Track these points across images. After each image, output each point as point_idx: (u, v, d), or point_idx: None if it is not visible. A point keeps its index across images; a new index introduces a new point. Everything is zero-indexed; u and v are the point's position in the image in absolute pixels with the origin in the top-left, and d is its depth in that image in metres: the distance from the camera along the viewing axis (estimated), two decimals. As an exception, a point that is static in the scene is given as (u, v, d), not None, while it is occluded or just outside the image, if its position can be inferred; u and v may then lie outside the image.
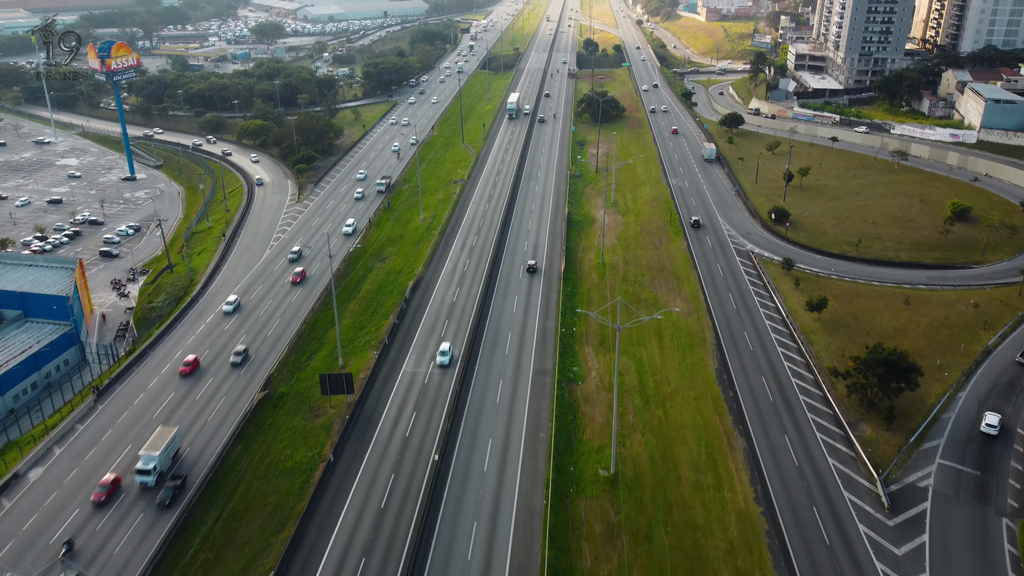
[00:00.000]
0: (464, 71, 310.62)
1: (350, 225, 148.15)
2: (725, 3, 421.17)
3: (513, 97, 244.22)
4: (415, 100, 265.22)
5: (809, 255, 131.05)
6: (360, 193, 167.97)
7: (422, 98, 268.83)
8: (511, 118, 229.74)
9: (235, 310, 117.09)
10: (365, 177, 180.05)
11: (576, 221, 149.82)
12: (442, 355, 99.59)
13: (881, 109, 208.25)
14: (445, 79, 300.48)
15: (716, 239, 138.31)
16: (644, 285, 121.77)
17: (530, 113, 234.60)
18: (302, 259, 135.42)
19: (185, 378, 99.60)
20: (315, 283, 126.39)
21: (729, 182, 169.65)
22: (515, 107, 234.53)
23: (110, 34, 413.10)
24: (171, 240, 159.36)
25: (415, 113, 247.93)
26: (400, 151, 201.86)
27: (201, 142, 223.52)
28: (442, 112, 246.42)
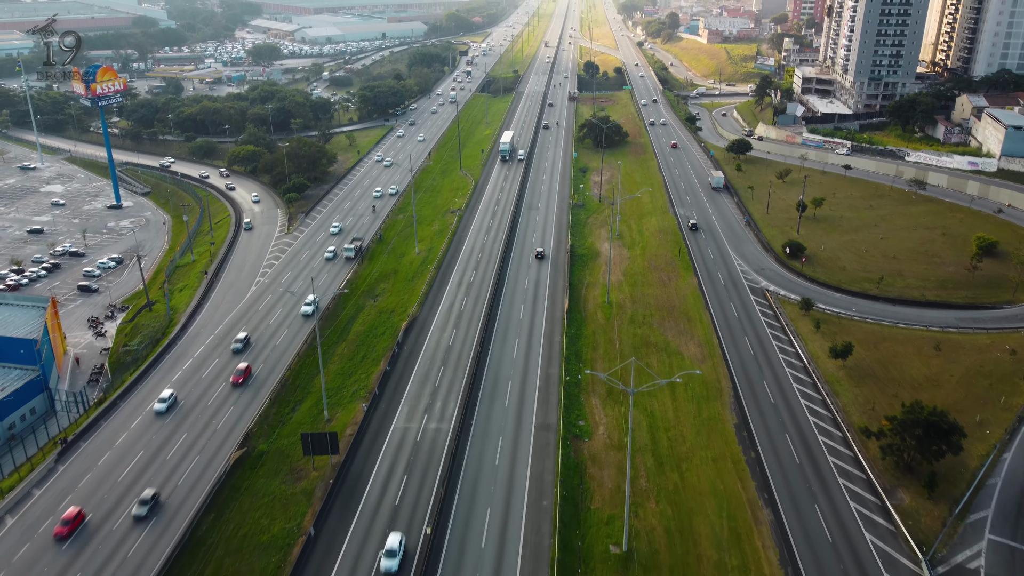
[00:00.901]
0: (458, 100, 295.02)
1: (310, 303, 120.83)
2: (727, 25, 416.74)
3: (506, 137, 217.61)
4: (404, 133, 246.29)
5: (828, 293, 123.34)
6: (331, 252, 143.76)
7: (412, 130, 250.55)
8: (504, 160, 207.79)
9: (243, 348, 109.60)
10: (339, 231, 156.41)
11: (579, 255, 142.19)
12: None
13: (894, 135, 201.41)
14: (437, 109, 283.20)
15: (728, 275, 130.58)
16: (653, 327, 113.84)
17: (524, 159, 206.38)
18: (248, 350, 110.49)
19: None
20: (262, 383, 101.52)
21: (739, 212, 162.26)
22: (508, 148, 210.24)
23: (104, 56, 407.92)
24: (153, 274, 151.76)
25: (402, 149, 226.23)
26: (381, 199, 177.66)
27: (208, 174, 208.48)
28: (440, 136, 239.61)
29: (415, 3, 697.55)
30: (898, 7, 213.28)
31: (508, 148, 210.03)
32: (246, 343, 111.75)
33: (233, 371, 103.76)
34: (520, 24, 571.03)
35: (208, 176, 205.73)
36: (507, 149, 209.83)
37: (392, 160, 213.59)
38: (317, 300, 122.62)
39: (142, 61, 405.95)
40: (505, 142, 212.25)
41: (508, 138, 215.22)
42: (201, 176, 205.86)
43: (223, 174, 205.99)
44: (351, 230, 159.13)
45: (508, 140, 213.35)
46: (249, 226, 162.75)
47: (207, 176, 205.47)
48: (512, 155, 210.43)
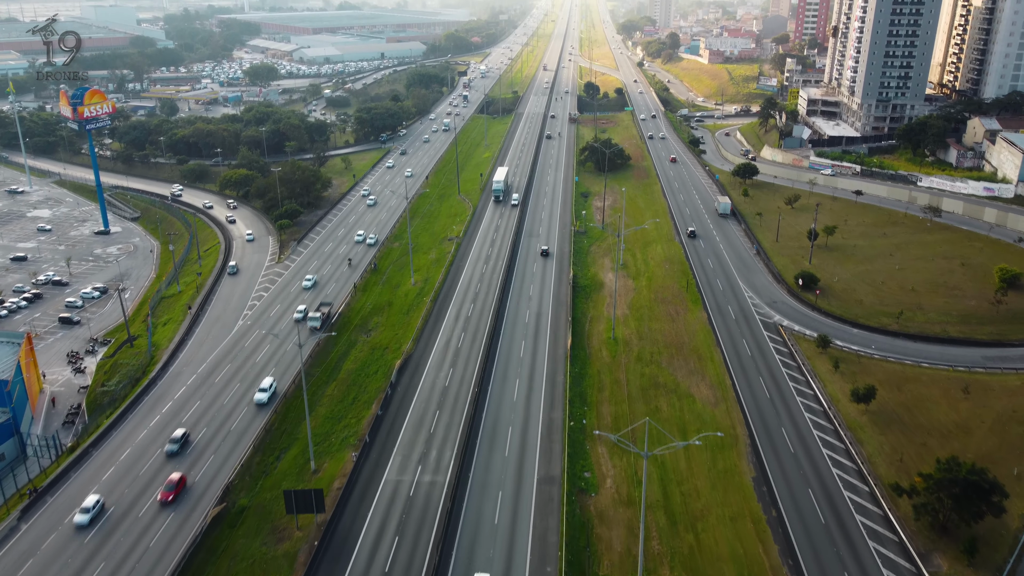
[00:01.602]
0: (456, 123, 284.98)
1: (266, 389, 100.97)
2: (728, 45, 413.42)
3: (500, 175, 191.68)
4: (393, 164, 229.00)
5: (844, 329, 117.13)
6: (300, 313, 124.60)
7: (403, 160, 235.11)
8: (497, 201, 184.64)
9: None
10: (313, 284, 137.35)
11: (582, 286, 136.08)
12: None
13: (904, 159, 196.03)
14: (430, 137, 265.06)
15: (739, 309, 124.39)
16: (662, 366, 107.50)
17: (519, 203, 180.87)
18: (187, 449, 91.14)
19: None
20: (196, 500, 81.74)
21: (747, 240, 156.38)
22: (502, 188, 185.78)
23: (100, 76, 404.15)
24: (138, 305, 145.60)
25: (390, 182, 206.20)
26: (361, 246, 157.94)
27: (211, 203, 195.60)
28: (439, 159, 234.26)
29: (414, 23, 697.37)
30: (906, 28, 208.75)
31: (502, 188, 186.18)
32: (183, 442, 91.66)
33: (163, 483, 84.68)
34: (519, 44, 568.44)
35: (212, 206, 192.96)
36: (500, 189, 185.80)
37: (376, 198, 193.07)
38: (275, 384, 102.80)
39: (138, 81, 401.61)
40: (499, 180, 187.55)
41: (502, 176, 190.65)
42: (204, 206, 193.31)
43: (231, 205, 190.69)
44: (327, 282, 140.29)
45: (502, 178, 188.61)
46: (234, 270, 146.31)
47: (210, 206, 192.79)
48: (507, 196, 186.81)
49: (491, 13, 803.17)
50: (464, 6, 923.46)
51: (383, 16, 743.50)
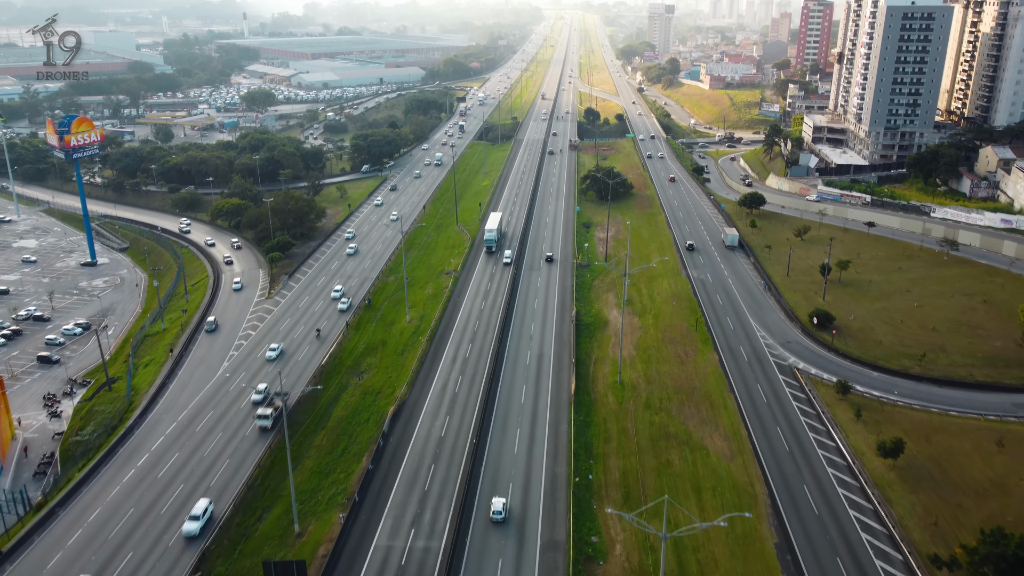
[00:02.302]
0: (455, 146, 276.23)
1: (196, 520, 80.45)
2: (729, 71, 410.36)
3: (492, 221, 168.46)
4: (381, 201, 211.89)
5: (864, 372, 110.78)
6: (260, 394, 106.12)
7: (393, 197, 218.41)
8: (490, 253, 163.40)
9: None
10: (279, 354, 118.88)
11: (586, 324, 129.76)
12: None
13: (915, 188, 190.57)
14: (421, 172, 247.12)
15: (752, 350, 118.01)
16: (672, 414, 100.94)
17: (511, 261, 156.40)
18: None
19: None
20: (169, 568, 74.09)
21: (756, 274, 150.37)
22: (494, 238, 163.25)
23: (95, 102, 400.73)
24: (121, 342, 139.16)
25: (376, 223, 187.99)
26: (329, 325, 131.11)
27: (213, 240, 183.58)
28: (436, 187, 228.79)
29: (413, 48, 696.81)
30: (915, 55, 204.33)
31: (494, 238, 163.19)
32: None
33: None
34: (518, 70, 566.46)
35: (213, 243, 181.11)
36: (493, 240, 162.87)
37: (358, 245, 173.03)
38: (210, 508, 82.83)
39: (134, 107, 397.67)
40: (491, 229, 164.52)
41: (495, 223, 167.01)
42: (207, 243, 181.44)
43: (235, 245, 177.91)
44: (298, 347, 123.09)
45: (495, 226, 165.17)
46: (212, 327, 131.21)
47: (212, 243, 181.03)
48: (500, 249, 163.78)
49: (490, 38, 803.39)
50: (463, 31, 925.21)
51: (382, 41, 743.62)
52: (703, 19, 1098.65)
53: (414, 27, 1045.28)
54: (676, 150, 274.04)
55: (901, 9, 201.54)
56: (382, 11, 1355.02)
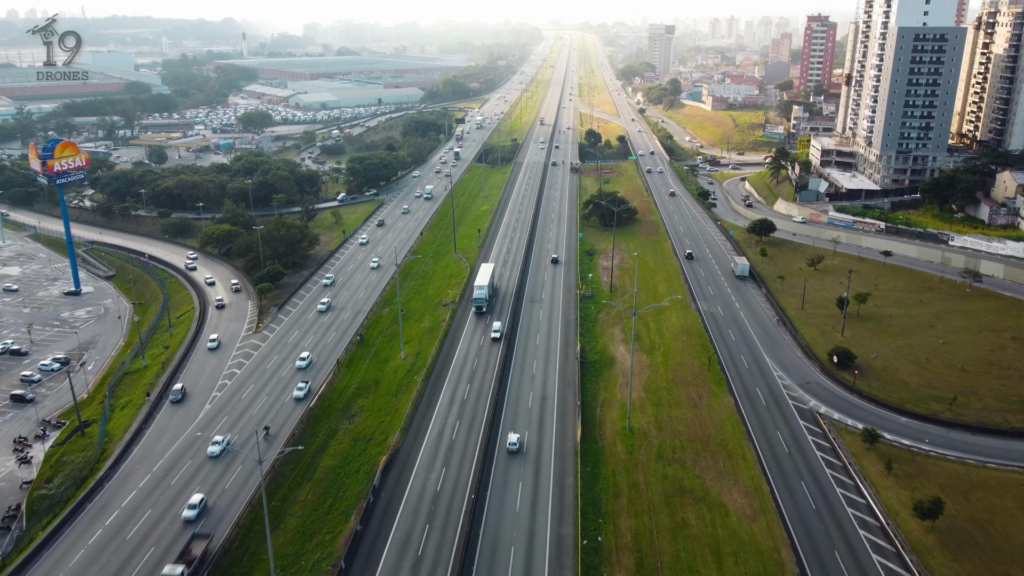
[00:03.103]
0: (434, 196, 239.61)
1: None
2: (731, 92, 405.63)
3: (483, 276, 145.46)
4: (367, 239, 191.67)
5: (890, 417, 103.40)
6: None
7: (380, 234, 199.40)
8: (479, 313, 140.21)
9: None
10: (224, 448, 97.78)
11: (591, 362, 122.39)
12: None
13: (930, 215, 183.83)
14: (409, 208, 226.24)
15: (769, 391, 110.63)
16: (687, 465, 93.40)
17: (501, 335, 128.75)
18: None
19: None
20: None
21: (769, 306, 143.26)
22: (484, 294, 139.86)
23: (89, 123, 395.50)
24: (100, 379, 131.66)
25: (358, 269, 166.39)
26: (280, 421, 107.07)
27: (213, 278, 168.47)
28: (428, 219, 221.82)
29: (412, 68, 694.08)
30: (927, 77, 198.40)
31: (484, 296, 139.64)
32: None
33: None
34: (518, 90, 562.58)
35: (214, 282, 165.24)
36: (482, 298, 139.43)
37: (331, 300, 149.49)
38: None
39: (128, 128, 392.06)
40: (480, 285, 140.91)
41: (486, 277, 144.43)
42: (207, 281, 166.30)
43: (234, 287, 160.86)
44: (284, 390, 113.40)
45: (485, 282, 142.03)
46: (178, 396, 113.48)
47: (212, 281, 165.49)
48: (491, 308, 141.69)
49: (489, 59, 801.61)
50: (463, 52, 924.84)
51: (381, 61, 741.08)
52: (702, 39, 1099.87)
53: (413, 47, 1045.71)
54: (680, 174, 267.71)
55: (912, 31, 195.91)
56: (382, 31, 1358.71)
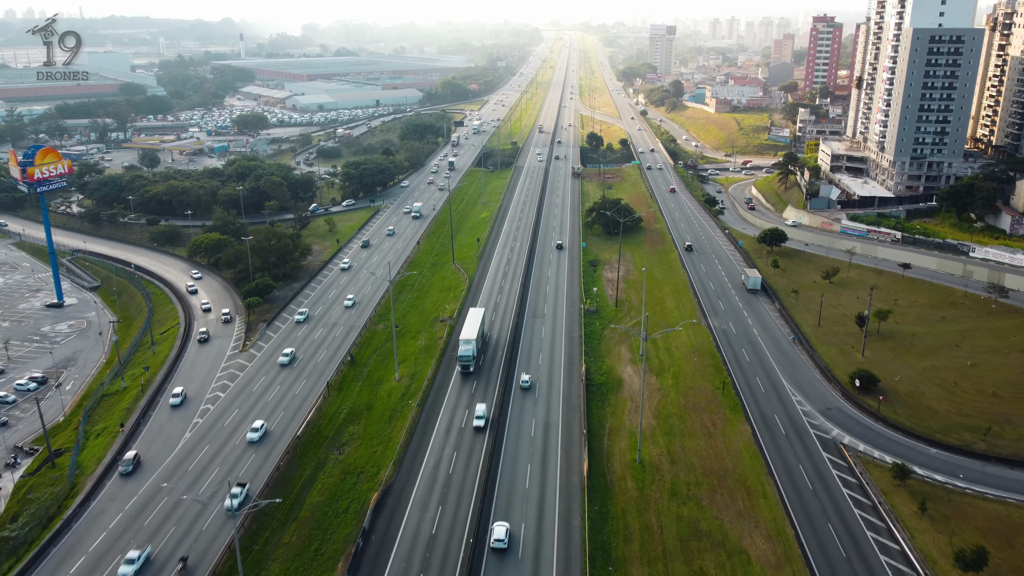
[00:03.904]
0: (422, 214, 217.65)
1: None
2: (735, 93, 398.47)
3: (470, 327, 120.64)
4: (349, 264, 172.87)
5: (920, 448, 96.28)
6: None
7: (364, 257, 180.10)
8: (465, 373, 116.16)
9: None
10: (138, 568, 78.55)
11: (597, 384, 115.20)
12: None
13: (948, 224, 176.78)
14: (394, 229, 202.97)
15: (788, 419, 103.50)
16: (703, 505, 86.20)
17: (486, 424, 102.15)
18: None
19: None
20: None
21: (783, 323, 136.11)
22: (471, 350, 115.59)
23: (81, 125, 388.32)
24: (79, 400, 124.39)
25: (338, 297, 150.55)
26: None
27: (209, 303, 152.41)
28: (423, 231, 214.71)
29: (411, 69, 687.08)
30: (942, 80, 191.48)
31: (471, 353, 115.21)
32: None
33: None
34: (518, 92, 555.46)
35: (209, 308, 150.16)
36: (469, 355, 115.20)
37: (293, 352, 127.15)
38: None
39: (121, 131, 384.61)
40: (467, 339, 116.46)
41: (474, 326, 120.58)
42: (203, 307, 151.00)
43: (225, 318, 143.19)
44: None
45: (473, 334, 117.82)
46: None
47: (208, 307, 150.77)
48: (479, 369, 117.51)
49: (489, 60, 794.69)
50: (462, 52, 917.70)
51: (379, 62, 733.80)
52: (702, 40, 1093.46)
53: (412, 48, 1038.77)
54: (685, 179, 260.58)
55: (928, 32, 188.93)
56: (380, 32, 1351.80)
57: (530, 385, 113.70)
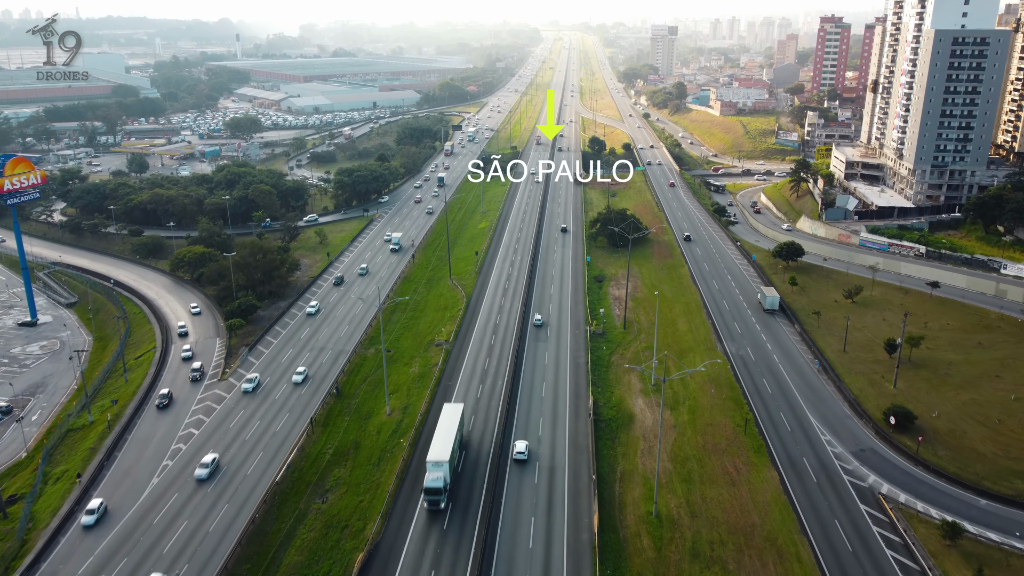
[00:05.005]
0: (402, 246, 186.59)
1: None
2: (741, 96, 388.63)
3: (444, 433, 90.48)
4: (317, 307, 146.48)
5: (968, 499, 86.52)
6: None
7: (333, 298, 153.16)
8: (433, 510, 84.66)
9: None
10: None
11: (606, 419, 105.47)
12: None
13: (974, 238, 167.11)
14: (367, 268, 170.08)
15: (818, 463, 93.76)
16: (729, 569, 76.45)
17: None
18: None
19: None
20: None
21: (805, 348, 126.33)
22: (441, 479, 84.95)
23: (70, 129, 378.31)
24: (44, 434, 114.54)
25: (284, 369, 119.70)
26: None
27: (190, 340, 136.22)
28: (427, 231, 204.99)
29: (409, 70, 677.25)
30: (966, 84, 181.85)
31: (440, 484, 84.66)
32: None
33: None
34: (517, 93, 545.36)
35: (186, 333, 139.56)
36: (439, 486, 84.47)
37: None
38: None
39: (111, 134, 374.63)
40: (438, 461, 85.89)
41: (445, 445, 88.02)
42: (179, 330, 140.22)
43: (215, 364, 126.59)
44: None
45: (445, 454, 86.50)
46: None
47: (184, 331, 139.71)
48: (452, 504, 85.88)
49: (488, 60, 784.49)
50: (461, 53, 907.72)
51: (377, 63, 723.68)
52: (703, 40, 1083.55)
53: (411, 48, 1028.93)
54: (692, 186, 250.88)
55: (950, 34, 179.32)
56: (379, 32, 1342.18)
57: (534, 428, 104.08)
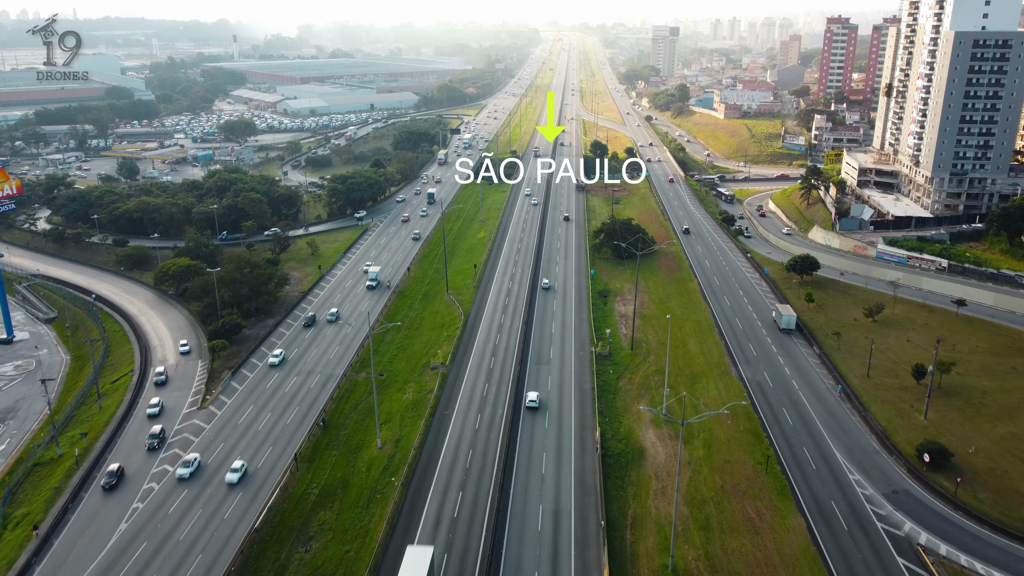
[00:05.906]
0: (379, 282, 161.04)
1: None
2: (745, 98, 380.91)
3: None
4: (281, 355, 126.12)
5: (1015, 551, 78.68)
6: None
7: (306, 340, 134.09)
8: None
9: None
10: None
11: (615, 454, 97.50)
12: None
13: (998, 250, 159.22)
14: (338, 313, 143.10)
15: (848, 507, 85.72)
16: (756, 637, 68.48)
17: None
18: None
19: None
20: None
21: (826, 372, 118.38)
22: None
23: (60, 132, 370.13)
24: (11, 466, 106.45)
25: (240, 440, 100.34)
26: None
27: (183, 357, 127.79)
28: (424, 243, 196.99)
29: (407, 71, 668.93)
30: (986, 88, 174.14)
31: None
32: None
33: None
34: (516, 96, 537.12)
35: (163, 372, 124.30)
36: None
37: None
38: None
39: (102, 138, 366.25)
40: None
41: None
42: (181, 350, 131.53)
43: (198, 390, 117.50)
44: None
45: None
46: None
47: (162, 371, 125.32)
48: None
49: (487, 61, 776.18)
50: (460, 54, 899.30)
51: (375, 65, 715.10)
52: (704, 41, 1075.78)
53: (409, 49, 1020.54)
54: (699, 193, 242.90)
55: (971, 36, 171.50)
56: (377, 33, 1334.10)
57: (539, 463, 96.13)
